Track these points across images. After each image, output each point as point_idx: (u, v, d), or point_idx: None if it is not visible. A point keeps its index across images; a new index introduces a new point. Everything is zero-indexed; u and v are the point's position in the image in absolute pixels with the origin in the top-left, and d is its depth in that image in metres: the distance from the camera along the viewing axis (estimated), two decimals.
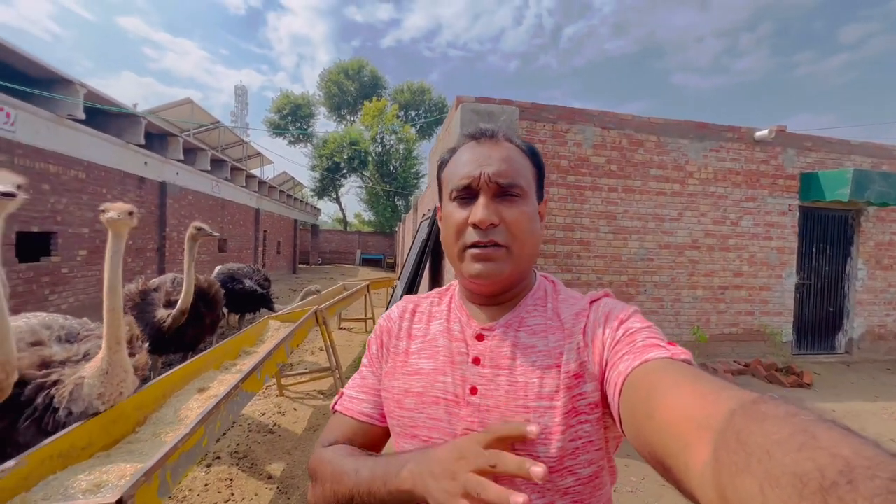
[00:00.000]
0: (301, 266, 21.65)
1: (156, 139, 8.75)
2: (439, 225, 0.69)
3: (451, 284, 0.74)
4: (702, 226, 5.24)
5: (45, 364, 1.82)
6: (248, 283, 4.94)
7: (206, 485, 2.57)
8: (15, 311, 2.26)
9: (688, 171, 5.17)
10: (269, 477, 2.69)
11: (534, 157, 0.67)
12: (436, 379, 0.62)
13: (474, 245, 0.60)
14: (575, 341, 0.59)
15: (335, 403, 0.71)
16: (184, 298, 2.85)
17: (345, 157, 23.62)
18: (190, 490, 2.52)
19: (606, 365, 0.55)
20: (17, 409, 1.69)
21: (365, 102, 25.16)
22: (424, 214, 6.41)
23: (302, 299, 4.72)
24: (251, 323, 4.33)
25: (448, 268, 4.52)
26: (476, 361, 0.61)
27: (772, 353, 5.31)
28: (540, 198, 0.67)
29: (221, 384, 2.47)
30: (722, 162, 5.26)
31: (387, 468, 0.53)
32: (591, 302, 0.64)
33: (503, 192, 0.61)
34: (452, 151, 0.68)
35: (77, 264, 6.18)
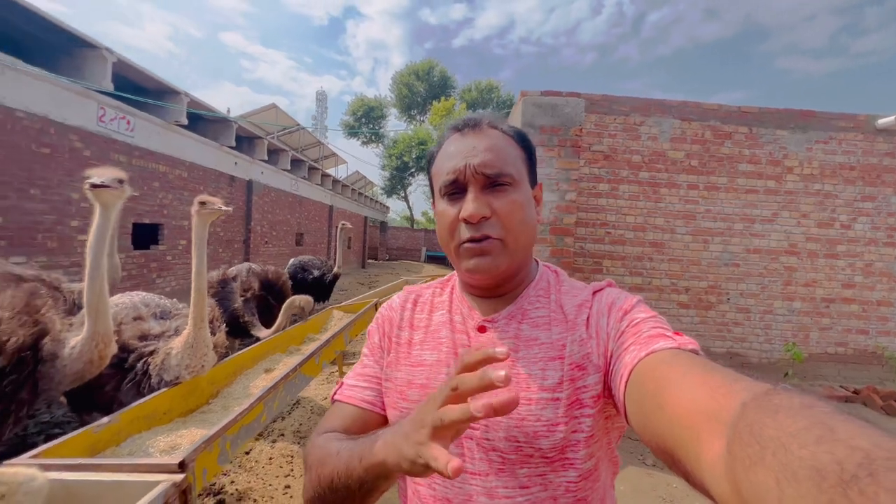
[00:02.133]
0: (370, 261, 22.67)
1: (244, 141, 9.67)
2: (436, 224, 0.67)
3: (452, 275, 0.73)
4: (802, 228, 4.59)
5: (144, 336, 2.08)
6: (316, 272, 5.28)
7: (270, 458, 2.78)
8: (129, 290, 2.64)
9: (786, 165, 4.55)
10: None
11: (522, 141, 0.65)
12: (439, 371, 0.62)
13: (469, 240, 0.59)
14: (578, 333, 0.58)
15: (334, 393, 0.70)
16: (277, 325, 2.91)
17: (413, 156, 24.28)
18: (256, 461, 2.75)
19: (611, 356, 0.54)
20: (123, 374, 1.95)
21: (433, 102, 25.61)
22: None
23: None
24: (319, 311, 4.61)
25: None
26: None
27: (891, 379, 4.50)
28: (533, 183, 0.66)
29: (285, 366, 2.65)
30: (831, 155, 4.56)
31: (363, 444, 0.51)
32: (595, 292, 0.63)
33: (492, 183, 0.59)
34: (439, 146, 0.66)
35: (179, 252, 7.04)
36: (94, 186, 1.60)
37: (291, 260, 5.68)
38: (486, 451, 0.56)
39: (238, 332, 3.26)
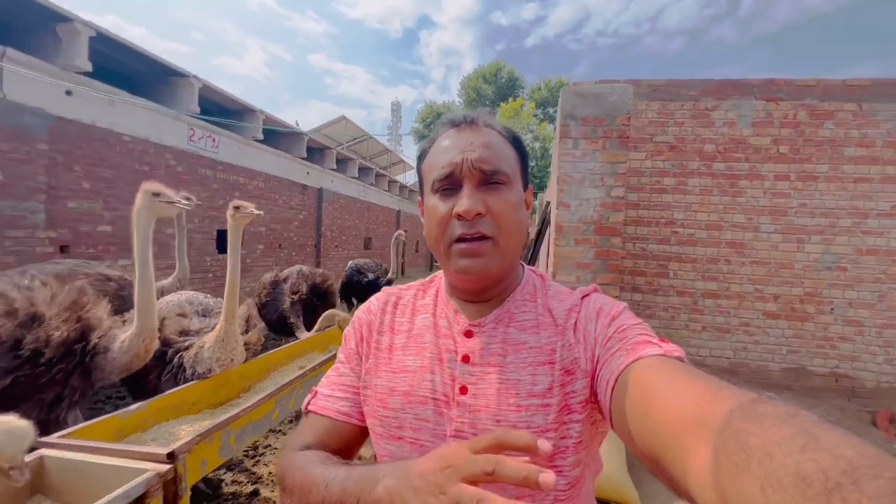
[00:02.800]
0: (437, 264, 23.03)
1: (315, 152, 10.39)
2: (422, 220, 0.65)
3: (436, 276, 0.71)
4: None
5: (185, 332, 2.28)
6: (370, 276, 5.46)
7: None
8: (214, 290, 2.92)
9: None
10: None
11: (516, 142, 0.64)
12: (423, 377, 0.59)
13: (461, 238, 0.57)
14: (567, 337, 0.57)
15: (307, 403, 0.66)
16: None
17: None
18: None
19: (598, 361, 0.54)
20: (163, 366, 2.14)
21: (501, 104, 25.36)
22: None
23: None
24: None
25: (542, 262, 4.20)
26: (465, 359, 0.59)
27: None
28: (525, 185, 0.65)
29: (318, 362, 2.74)
30: None
31: (360, 483, 0.46)
32: (583, 297, 0.62)
33: (487, 180, 0.58)
34: (432, 141, 0.65)
35: (257, 256, 7.74)
36: (155, 195, 1.84)
37: (349, 262, 5.94)
38: None
39: (286, 331, 3.46)
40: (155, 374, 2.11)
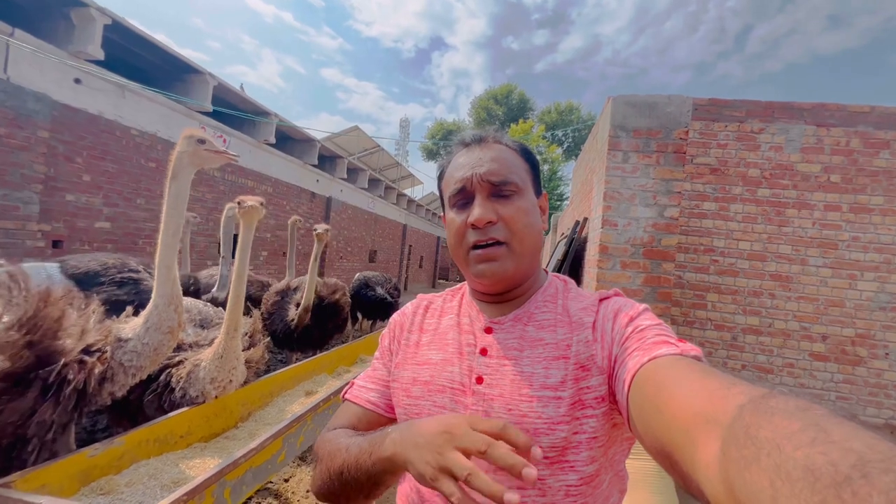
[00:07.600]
0: (440, 281, 22.68)
1: (326, 160, 10.19)
2: (446, 233, 0.68)
3: (464, 283, 0.73)
4: None
5: (177, 346, 1.95)
6: (379, 290, 5.13)
7: (307, 491, 2.52)
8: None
9: None
10: None
11: (526, 154, 0.68)
12: (444, 369, 0.62)
13: (476, 245, 0.61)
14: (584, 334, 0.58)
15: (345, 392, 0.71)
16: (305, 297, 2.98)
17: None
18: (293, 493, 2.50)
19: (615, 361, 0.54)
20: (146, 384, 1.81)
21: (511, 125, 25.45)
22: (563, 234, 5.83)
23: None
24: (379, 329, 4.39)
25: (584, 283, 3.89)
26: (483, 352, 0.61)
27: None
28: (538, 193, 0.67)
29: (329, 390, 2.40)
30: None
31: (372, 440, 0.52)
32: (601, 299, 0.63)
33: (498, 191, 0.61)
34: (448, 161, 0.69)
35: (260, 263, 7.42)
36: (201, 142, 1.80)
37: (357, 275, 5.63)
38: None
39: (292, 343, 3.13)
40: (136, 394, 1.77)
